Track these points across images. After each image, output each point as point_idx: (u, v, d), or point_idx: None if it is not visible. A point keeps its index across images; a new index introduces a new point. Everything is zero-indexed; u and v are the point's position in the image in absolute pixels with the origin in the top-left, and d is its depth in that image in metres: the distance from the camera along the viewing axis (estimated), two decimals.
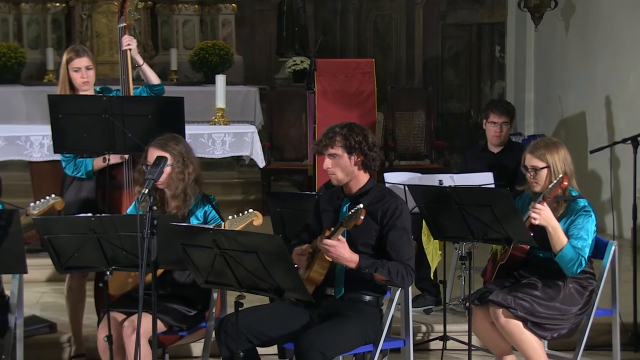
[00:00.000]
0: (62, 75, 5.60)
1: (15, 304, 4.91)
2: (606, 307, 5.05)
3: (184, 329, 4.76)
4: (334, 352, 4.29)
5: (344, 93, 8.30)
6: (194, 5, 11.76)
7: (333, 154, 4.47)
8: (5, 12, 11.40)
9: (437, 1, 12.40)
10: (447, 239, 5.47)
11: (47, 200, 4.94)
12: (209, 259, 4.05)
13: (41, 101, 6.89)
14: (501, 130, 6.40)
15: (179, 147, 4.82)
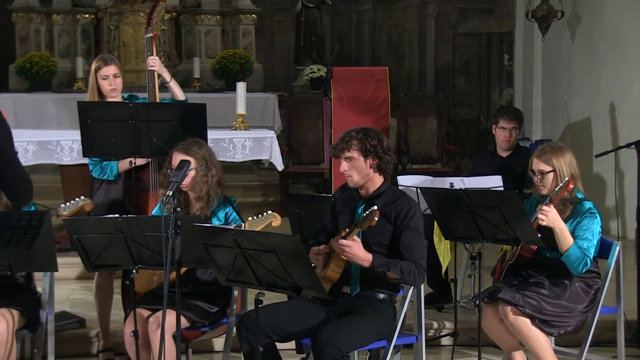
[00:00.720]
0: (91, 82, 5.61)
1: (47, 300, 4.94)
2: (611, 305, 5.03)
3: (206, 325, 4.77)
4: (350, 347, 4.29)
5: (359, 99, 8.30)
6: (216, 16, 11.79)
7: (350, 157, 4.47)
8: (37, 24, 11.46)
9: (448, 12, 12.38)
10: (457, 240, 5.46)
11: (76, 201, 4.96)
12: (230, 258, 4.06)
13: (71, 108, 6.92)
14: (510, 135, 6.38)
15: (202, 151, 4.83)
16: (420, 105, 11.04)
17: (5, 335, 4.54)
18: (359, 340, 4.35)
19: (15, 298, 4.77)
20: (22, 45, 11.37)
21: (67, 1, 11.50)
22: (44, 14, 11.48)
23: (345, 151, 4.47)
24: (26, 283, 4.96)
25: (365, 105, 8.27)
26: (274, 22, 12.88)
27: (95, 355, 5.77)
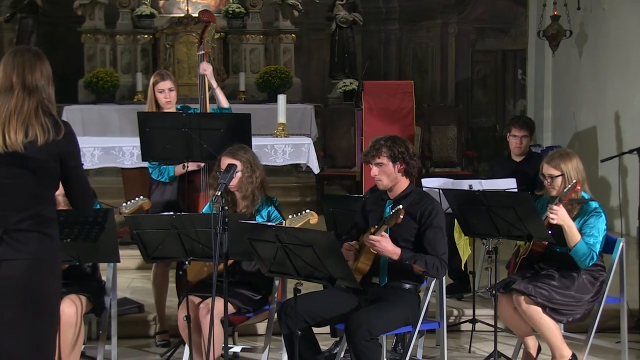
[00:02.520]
0: (149, 95, 5.65)
1: (110, 287, 4.98)
2: (615, 295, 4.98)
3: (251, 311, 4.78)
4: (379, 331, 4.28)
5: (387, 110, 8.27)
6: (260, 35, 11.81)
7: (379, 163, 4.46)
8: (103, 43, 11.57)
9: (467, 31, 12.33)
10: (476, 236, 5.42)
11: (136, 201, 5.00)
12: (272, 252, 4.06)
13: (132, 117, 6.97)
14: (521, 143, 6.34)
15: (247, 156, 4.84)
16: (442, 115, 11.01)
17: (74, 318, 4.58)
18: (387, 325, 4.34)
19: (83, 286, 4.82)
20: (90, 62, 11.48)
21: (128, 23, 11.59)
22: (109, 34, 11.57)
23: (376, 158, 4.47)
24: (92, 272, 5.00)
25: (393, 115, 8.24)
26: (311, 40, 12.89)
27: (152, 336, 5.80)
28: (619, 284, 4.98)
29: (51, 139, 3.34)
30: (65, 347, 4.57)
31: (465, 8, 12.32)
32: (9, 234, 3.33)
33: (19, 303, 3.34)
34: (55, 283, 3.48)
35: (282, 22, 11.75)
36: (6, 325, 3.33)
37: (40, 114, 3.35)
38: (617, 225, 8.33)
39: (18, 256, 3.33)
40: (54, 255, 3.46)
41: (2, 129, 3.31)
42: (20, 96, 3.35)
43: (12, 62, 3.41)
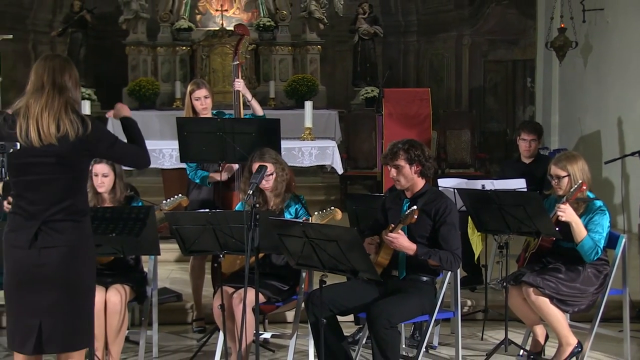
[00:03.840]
0: (187, 102, 5.67)
1: (151, 278, 5.01)
2: (618, 287, 4.93)
3: (280, 301, 4.78)
4: (398, 319, 4.27)
5: (405, 115, 8.26)
6: (288, 47, 11.82)
7: (397, 165, 4.44)
8: (145, 55, 11.64)
9: (480, 43, 12.26)
10: (488, 232, 5.39)
11: (175, 198, 5.01)
12: (299, 246, 4.06)
13: (171, 122, 7.00)
14: (530, 146, 6.29)
15: (276, 158, 4.84)
16: (457, 120, 10.95)
17: (119, 305, 4.60)
18: (405, 314, 4.33)
19: (127, 276, 4.84)
20: (133, 72, 11.55)
21: (168, 36, 11.65)
22: (151, 47, 11.64)
23: (394, 160, 4.45)
24: (135, 264, 5.02)
25: (411, 120, 8.23)
26: (335, 51, 12.89)
27: (189, 323, 5.83)
28: (622, 277, 4.94)
29: (81, 133, 3.37)
30: (111, 332, 4.60)
31: (478, 21, 12.25)
32: (46, 224, 3.36)
33: (57, 287, 3.37)
34: (89, 268, 3.50)
35: (309, 34, 11.76)
36: (47, 308, 3.36)
37: (69, 110, 3.38)
38: (619, 222, 8.25)
39: (55, 243, 3.36)
40: (88, 242, 3.49)
41: (35, 123, 3.34)
42: (50, 94, 3.37)
43: (44, 65, 3.44)
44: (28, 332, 3.36)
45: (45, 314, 3.36)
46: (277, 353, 5.25)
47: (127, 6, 11.43)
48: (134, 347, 5.13)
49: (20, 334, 3.37)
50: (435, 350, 5.23)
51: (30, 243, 3.34)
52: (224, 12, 11.72)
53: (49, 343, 3.39)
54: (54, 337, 3.38)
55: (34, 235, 3.34)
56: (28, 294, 3.34)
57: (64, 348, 3.44)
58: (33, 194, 3.35)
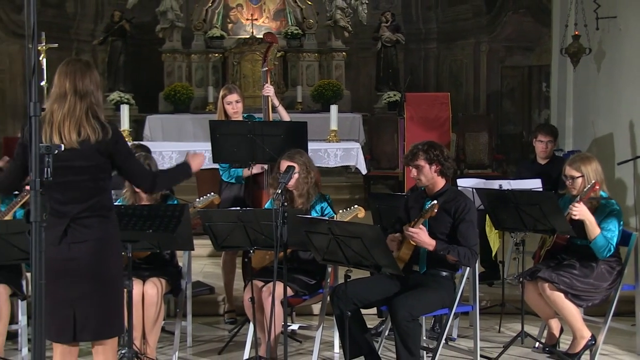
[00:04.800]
0: (219, 106, 5.69)
1: (186, 272, 5.02)
2: (630, 283, 4.88)
3: (307, 294, 4.77)
4: (419, 312, 4.25)
5: (426, 118, 8.21)
6: (315, 54, 11.81)
7: (417, 165, 4.43)
8: (180, 61, 11.69)
9: (497, 49, 12.17)
10: (505, 230, 5.35)
11: (208, 197, 5.02)
12: (325, 242, 4.06)
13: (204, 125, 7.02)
14: (546, 147, 6.23)
15: (303, 159, 4.83)
16: (475, 123, 10.88)
17: (156, 297, 4.62)
18: (426, 308, 4.31)
19: (163, 270, 4.86)
20: (169, 77, 11.61)
21: (202, 44, 11.69)
22: (185, 54, 11.69)
23: (414, 160, 4.44)
24: (170, 259, 5.04)
25: (431, 123, 8.18)
26: (359, 58, 12.86)
27: (221, 315, 5.85)
28: (634, 273, 4.88)
29: (101, 138, 3.38)
30: (148, 323, 4.62)
31: (495, 29, 12.16)
32: (75, 221, 3.39)
33: (87, 279, 3.38)
34: (117, 259, 3.51)
35: (334, 42, 11.74)
36: (79, 299, 3.38)
37: (90, 117, 3.39)
38: (632, 221, 8.15)
39: (84, 238, 3.38)
40: (114, 235, 3.50)
41: (57, 129, 3.36)
42: (72, 101, 3.38)
43: (65, 71, 3.44)
44: (63, 322, 3.39)
45: (78, 305, 3.38)
46: (304, 344, 5.25)
47: (164, 16, 11.50)
48: (169, 337, 5.15)
49: (56, 325, 3.39)
50: (454, 342, 5.20)
51: (60, 239, 3.36)
52: (254, 21, 11.74)
53: (83, 332, 3.41)
54: (87, 326, 3.40)
55: (63, 232, 3.37)
56: (61, 286, 3.36)
57: (97, 336, 3.46)
58: (61, 195, 3.37)
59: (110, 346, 3.52)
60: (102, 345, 3.50)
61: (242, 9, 11.94)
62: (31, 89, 2.58)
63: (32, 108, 2.59)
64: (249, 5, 11.90)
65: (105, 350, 3.50)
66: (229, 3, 11.89)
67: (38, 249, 2.59)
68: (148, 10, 12.06)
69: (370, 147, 10.58)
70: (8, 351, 4.87)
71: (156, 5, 11.67)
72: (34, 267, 2.60)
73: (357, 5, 11.77)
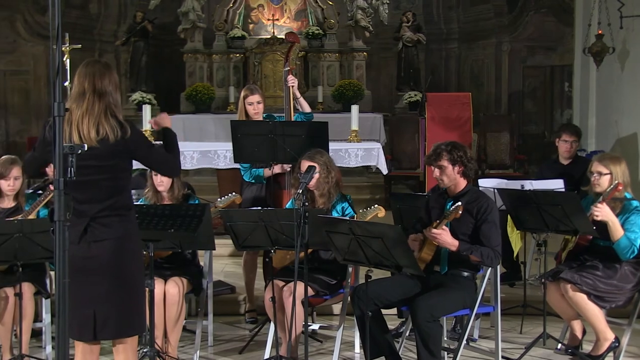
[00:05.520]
0: (240, 106, 5.69)
1: (207, 271, 5.03)
2: None
3: (327, 294, 4.77)
4: (440, 313, 4.23)
5: (447, 119, 8.17)
6: (336, 54, 11.80)
7: (440, 165, 4.41)
8: (201, 62, 11.73)
9: (519, 49, 12.10)
10: (527, 230, 5.32)
11: (229, 197, 5.03)
12: (346, 242, 4.05)
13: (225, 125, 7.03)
14: (571, 147, 6.19)
15: (324, 159, 4.83)
16: (496, 123, 10.82)
17: (177, 297, 4.64)
18: (447, 308, 4.29)
19: (184, 269, 4.88)
20: (190, 78, 11.65)
21: (223, 44, 11.72)
22: (206, 54, 11.73)
23: (437, 161, 4.42)
24: (192, 258, 5.06)
25: (453, 123, 8.14)
26: (380, 58, 12.84)
27: (242, 314, 5.85)
28: None
29: (120, 137, 3.39)
30: (170, 322, 4.64)
31: (517, 29, 12.09)
32: (95, 220, 3.40)
33: (107, 278, 3.40)
34: (137, 258, 3.53)
35: (355, 42, 11.73)
36: (99, 297, 3.40)
37: (109, 116, 3.41)
38: None
39: (103, 237, 3.39)
40: (134, 234, 3.52)
41: (77, 128, 3.38)
42: (90, 99, 3.40)
43: (85, 71, 3.46)
44: (84, 321, 3.40)
45: (98, 303, 3.40)
46: (324, 343, 5.25)
47: (185, 17, 11.55)
48: (190, 336, 5.17)
49: (78, 323, 3.41)
50: (475, 342, 5.18)
51: (80, 238, 3.38)
52: (275, 21, 11.76)
53: (103, 330, 3.43)
54: (107, 325, 3.42)
55: (83, 230, 3.39)
56: (81, 285, 3.38)
57: (117, 335, 3.48)
58: (81, 194, 3.39)
59: (131, 345, 3.53)
60: (122, 344, 3.51)
61: (263, 9, 11.97)
62: (55, 90, 2.60)
63: (56, 108, 2.61)
64: (270, 6, 11.92)
65: (125, 349, 3.52)
66: (250, 3, 11.92)
67: (62, 248, 2.61)
68: (170, 11, 12.13)
69: (391, 147, 10.55)
70: (32, 349, 4.91)
71: (178, 6, 11.73)
72: (58, 266, 2.62)
73: (378, 5, 11.75)
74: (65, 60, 8.69)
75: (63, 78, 7.73)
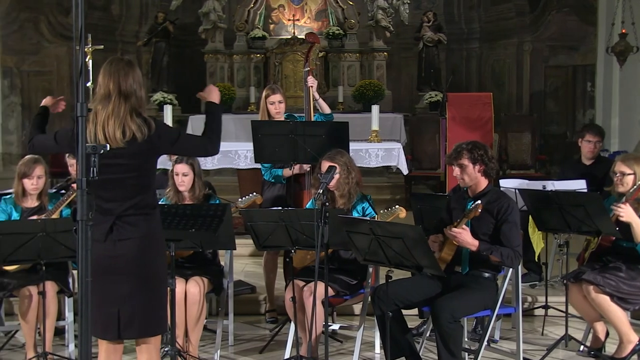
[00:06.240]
0: (262, 106, 5.70)
1: (228, 271, 5.05)
2: None
3: (348, 294, 4.77)
4: (461, 314, 4.21)
5: (468, 119, 8.13)
6: (356, 54, 11.80)
7: (461, 164, 4.39)
8: (222, 62, 11.78)
9: (541, 49, 12.01)
10: (548, 231, 5.28)
11: (250, 197, 5.04)
12: (366, 242, 4.04)
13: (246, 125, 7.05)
14: (595, 147, 6.14)
15: (344, 159, 4.82)
16: (518, 123, 10.75)
17: (198, 296, 4.66)
18: (468, 309, 4.27)
19: (205, 269, 4.90)
20: (211, 78, 11.69)
21: (244, 45, 11.76)
22: (227, 54, 11.77)
23: (458, 160, 4.40)
24: (213, 258, 5.08)
25: (474, 123, 8.10)
26: (401, 58, 12.81)
27: (262, 314, 5.86)
28: None
29: (146, 135, 3.41)
30: (191, 321, 4.66)
31: (539, 28, 12.01)
32: (120, 219, 3.42)
33: (132, 277, 3.41)
34: (161, 257, 3.54)
35: (376, 42, 11.72)
36: (124, 296, 3.41)
37: (134, 115, 3.42)
38: None
39: (129, 236, 3.41)
40: (158, 233, 3.53)
41: (102, 129, 3.39)
42: (116, 101, 3.42)
43: (109, 71, 3.47)
44: (108, 319, 3.42)
45: (123, 302, 3.41)
46: (344, 344, 5.24)
47: (206, 17, 11.60)
48: (211, 335, 5.19)
49: (102, 322, 3.43)
50: (496, 344, 5.15)
51: (105, 236, 3.40)
52: (296, 22, 11.77)
53: (127, 329, 3.44)
54: (131, 324, 3.43)
55: (109, 229, 3.40)
56: (106, 283, 3.39)
57: (141, 333, 3.49)
58: (107, 193, 3.41)
59: (154, 344, 3.55)
60: (146, 343, 3.53)
61: (284, 9, 11.99)
62: (78, 90, 2.63)
63: (79, 108, 2.63)
64: (290, 6, 11.94)
65: (149, 348, 3.53)
66: (271, 4, 11.95)
67: (84, 247, 2.63)
68: (191, 11, 12.19)
69: (411, 147, 10.52)
70: (56, 346, 4.95)
71: (199, 6, 11.79)
72: (81, 265, 2.64)
73: (399, 5, 11.72)
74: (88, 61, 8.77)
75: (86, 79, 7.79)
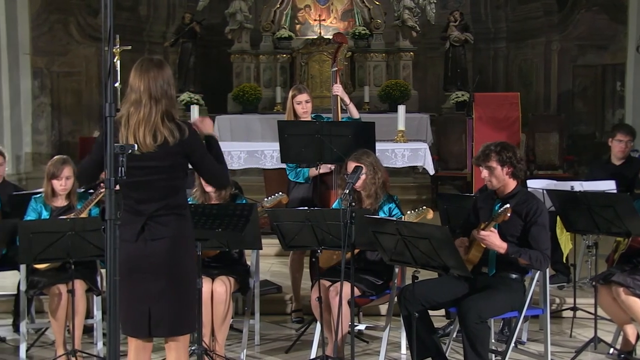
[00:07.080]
0: (288, 106, 5.71)
1: (254, 271, 5.06)
2: None
3: (374, 294, 4.76)
4: (488, 315, 4.18)
5: (495, 119, 8.08)
6: (382, 54, 11.77)
7: (489, 166, 4.36)
8: (249, 62, 11.81)
9: (569, 48, 11.89)
10: (577, 232, 5.24)
11: (276, 196, 5.05)
12: (393, 243, 4.04)
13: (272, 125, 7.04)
14: (626, 147, 6.08)
15: (370, 159, 4.81)
16: (545, 124, 10.67)
17: (224, 295, 4.68)
18: (495, 310, 4.24)
19: (231, 268, 4.92)
20: (238, 78, 11.74)
21: (270, 45, 11.79)
22: (253, 55, 11.80)
23: (486, 161, 4.37)
24: (239, 257, 5.10)
25: (501, 123, 8.04)
26: (427, 58, 12.76)
27: (288, 314, 5.87)
28: None
29: (178, 139, 3.41)
30: (217, 320, 4.68)
31: (567, 27, 11.89)
32: (152, 219, 3.44)
33: (163, 276, 3.43)
34: (191, 257, 3.55)
35: (402, 42, 11.67)
36: (155, 295, 3.43)
37: (166, 120, 3.42)
38: None
39: (161, 235, 3.43)
40: (189, 233, 3.54)
41: (133, 134, 3.41)
42: (147, 106, 3.41)
43: (140, 73, 3.46)
44: (139, 318, 3.44)
45: (154, 301, 3.43)
46: (370, 344, 5.24)
47: (233, 17, 11.64)
48: (237, 335, 5.21)
49: (132, 320, 3.45)
50: (523, 345, 5.11)
51: (137, 236, 3.42)
52: (322, 22, 11.77)
53: (157, 328, 3.46)
54: (162, 323, 3.45)
55: (140, 229, 3.43)
56: (137, 282, 3.42)
57: (171, 332, 3.51)
58: (138, 194, 3.43)
59: (183, 343, 3.57)
60: (175, 341, 3.55)
61: (310, 9, 12.00)
62: (106, 90, 2.65)
63: (107, 109, 2.66)
64: (316, 6, 11.95)
65: (177, 347, 3.56)
66: (297, 4, 11.97)
67: (112, 246, 2.65)
68: (217, 12, 12.24)
69: (438, 147, 10.48)
70: (84, 344, 5.01)
71: (225, 7, 11.83)
72: (109, 264, 2.66)
73: (425, 4, 11.67)
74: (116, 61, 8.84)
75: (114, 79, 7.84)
